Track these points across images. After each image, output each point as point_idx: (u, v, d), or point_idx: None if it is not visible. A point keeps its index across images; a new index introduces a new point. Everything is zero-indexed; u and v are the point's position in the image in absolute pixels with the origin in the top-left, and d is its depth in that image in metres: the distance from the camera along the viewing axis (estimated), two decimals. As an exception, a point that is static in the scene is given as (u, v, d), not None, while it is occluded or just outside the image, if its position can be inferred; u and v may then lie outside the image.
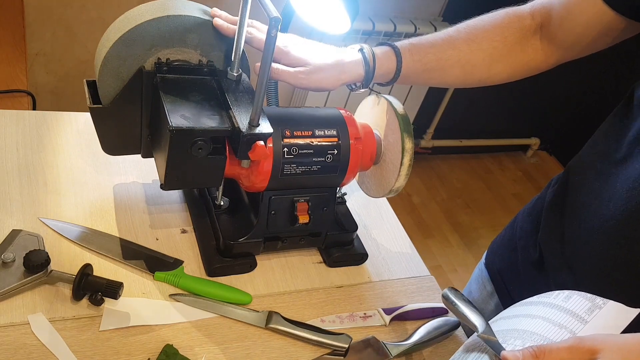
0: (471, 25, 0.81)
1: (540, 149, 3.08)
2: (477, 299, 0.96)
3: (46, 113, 0.96)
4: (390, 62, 0.78)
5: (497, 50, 0.80)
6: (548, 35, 0.79)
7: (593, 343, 0.53)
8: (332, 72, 0.76)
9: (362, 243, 0.90)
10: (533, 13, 0.80)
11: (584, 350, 0.53)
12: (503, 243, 0.91)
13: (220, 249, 0.80)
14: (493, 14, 0.81)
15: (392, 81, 0.80)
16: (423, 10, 2.14)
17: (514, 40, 0.80)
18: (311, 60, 0.75)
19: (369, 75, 0.77)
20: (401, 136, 0.77)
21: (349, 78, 0.77)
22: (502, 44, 0.79)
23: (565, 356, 0.54)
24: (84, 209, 0.83)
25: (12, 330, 0.66)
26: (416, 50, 0.79)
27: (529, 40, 0.80)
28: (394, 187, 0.80)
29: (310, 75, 0.75)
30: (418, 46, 0.79)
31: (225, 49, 0.76)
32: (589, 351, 0.53)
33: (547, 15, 0.79)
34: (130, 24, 0.70)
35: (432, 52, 0.79)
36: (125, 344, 0.68)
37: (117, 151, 0.81)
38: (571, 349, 0.54)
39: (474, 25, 0.81)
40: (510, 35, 0.79)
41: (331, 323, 0.78)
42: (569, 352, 0.54)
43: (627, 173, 0.67)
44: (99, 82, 0.73)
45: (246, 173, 0.75)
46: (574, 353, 0.53)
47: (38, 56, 1.70)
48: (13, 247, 0.72)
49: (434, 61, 0.79)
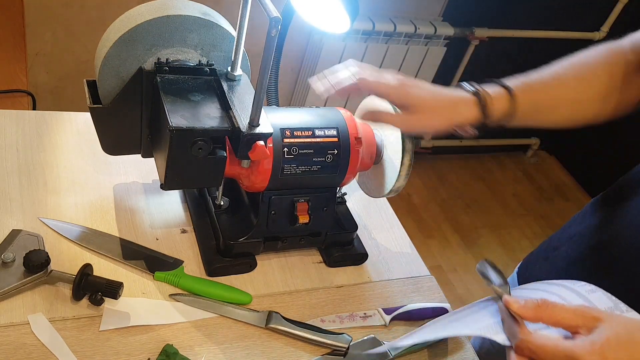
0: (576, 62, 0.76)
1: (540, 149, 3.08)
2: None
3: (46, 113, 0.96)
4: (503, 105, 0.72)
5: (605, 87, 0.75)
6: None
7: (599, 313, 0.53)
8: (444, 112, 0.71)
9: (362, 243, 0.90)
10: (634, 47, 0.76)
11: (588, 317, 0.53)
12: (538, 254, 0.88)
13: (220, 249, 0.80)
14: (595, 50, 0.77)
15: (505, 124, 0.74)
16: (423, 10, 2.14)
17: (620, 78, 0.76)
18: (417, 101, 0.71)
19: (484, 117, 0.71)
20: (401, 136, 0.77)
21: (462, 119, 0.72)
22: (609, 81, 0.75)
23: (567, 315, 0.54)
24: (84, 209, 0.83)
25: (12, 330, 0.66)
26: (529, 88, 0.73)
27: (633, 77, 0.76)
28: (394, 187, 0.80)
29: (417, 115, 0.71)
30: (530, 85, 0.74)
31: (226, 50, 0.76)
32: (593, 318, 0.53)
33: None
34: (130, 24, 0.70)
35: (542, 89, 0.74)
36: (125, 344, 0.68)
37: (117, 151, 0.81)
38: (576, 312, 0.54)
39: (579, 62, 0.76)
40: (617, 73, 0.75)
41: (331, 323, 0.78)
42: (573, 313, 0.54)
43: None
44: (99, 82, 0.73)
45: (246, 173, 0.75)
46: (578, 315, 0.54)
47: (38, 56, 1.70)
48: (13, 247, 0.72)
49: (545, 100, 0.74)
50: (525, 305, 0.56)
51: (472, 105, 0.71)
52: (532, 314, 0.56)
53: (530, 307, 0.56)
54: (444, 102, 0.71)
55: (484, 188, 2.78)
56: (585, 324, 0.53)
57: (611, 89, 0.76)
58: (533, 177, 2.95)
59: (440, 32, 2.10)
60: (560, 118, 0.77)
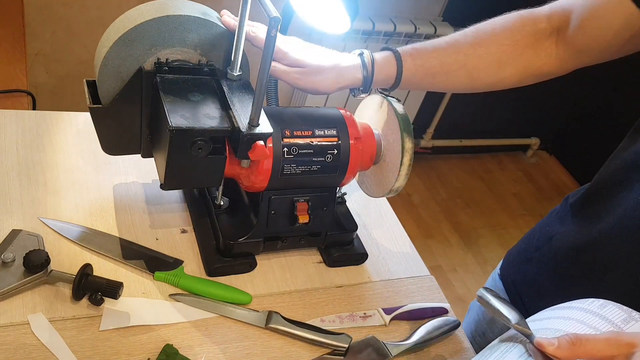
0: (480, 29, 0.78)
1: (540, 149, 3.08)
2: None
3: (46, 113, 0.96)
4: (390, 67, 0.77)
5: (506, 54, 0.77)
6: (566, 40, 0.76)
7: (632, 338, 0.51)
8: (330, 75, 0.75)
9: (362, 243, 0.90)
10: (550, 16, 0.77)
11: (623, 344, 0.51)
12: (519, 254, 0.89)
13: (220, 248, 0.80)
14: (505, 17, 0.78)
15: (394, 86, 0.79)
16: (423, 10, 2.14)
17: (525, 45, 0.77)
18: (309, 62, 0.75)
19: (368, 80, 0.76)
20: (401, 136, 0.77)
21: (347, 82, 0.76)
22: (512, 48, 0.77)
23: (602, 347, 0.52)
24: (84, 208, 0.83)
25: (12, 330, 0.66)
26: (418, 54, 0.77)
27: (542, 45, 0.77)
28: (394, 186, 0.80)
29: (307, 77, 0.75)
30: (421, 50, 0.78)
31: (225, 49, 0.76)
32: (628, 345, 0.51)
33: (566, 18, 0.76)
34: (130, 24, 0.70)
35: (435, 56, 0.77)
36: (125, 343, 0.68)
37: (117, 151, 0.81)
38: (609, 341, 0.52)
39: (483, 29, 0.78)
40: (522, 40, 0.77)
41: (331, 323, 0.78)
42: (606, 343, 0.52)
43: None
44: (99, 82, 0.73)
45: (246, 173, 0.75)
46: (612, 345, 0.52)
47: (38, 56, 1.70)
48: (13, 247, 0.72)
49: (437, 66, 0.77)
50: (560, 346, 0.54)
51: (356, 68, 0.76)
52: (567, 353, 0.53)
53: (565, 347, 0.54)
54: (330, 64, 0.76)
55: (483, 188, 2.78)
56: (621, 351, 0.51)
57: (514, 55, 0.77)
58: (533, 177, 2.96)
59: (440, 32, 2.10)
60: (458, 83, 0.80)
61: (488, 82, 0.80)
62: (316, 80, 0.75)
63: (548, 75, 0.81)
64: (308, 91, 0.76)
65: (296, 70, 0.75)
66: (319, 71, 0.75)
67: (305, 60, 0.75)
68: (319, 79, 0.75)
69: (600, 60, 0.77)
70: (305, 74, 0.75)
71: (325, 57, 0.76)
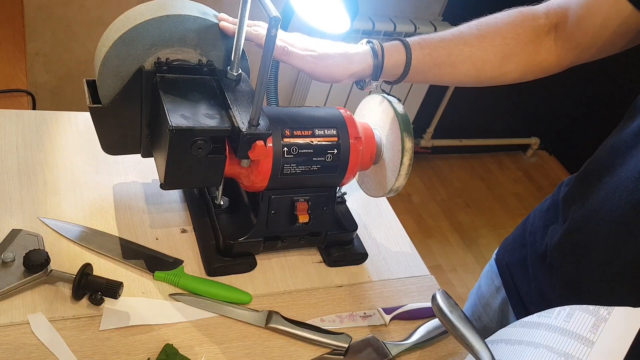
0: (483, 23, 0.80)
1: (540, 149, 3.09)
2: (485, 293, 0.96)
3: (46, 113, 0.96)
4: (400, 55, 0.77)
5: (509, 47, 0.78)
6: (563, 36, 0.78)
7: None
8: (341, 60, 0.75)
9: (362, 243, 0.90)
10: (548, 12, 0.79)
11: None
12: (514, 239, 0.91)
13: (220, 248, 0.80)
14: (506, 12, 0.80)
15: (403, 76, 0.78)
16: (423, 10, 2.14)
17: (526, 40, 0.78)
18: (319, 49, 0.75)
19: (378, 66, 0.76)
20: (401, 136, 0.77)
21: (358, 68, 0.76)
22: (514, 42, 0.78)
23: None
24: (84, 208, 0.83)
25: (12, 330, 0.66)
26: (426, 44, 0.78)
27: (542, 41, 0.79)
28: (394, 186, 0.80)
29: (319, 61, 0.74)
30: (428, 40, 0.78)
31: (225, 49, 0.76)
32: None
33: (563, 15, 0.78)
34: (130, 24, 0.70)
35: (442, 46, 0.78)
36: (125, 343, 0.68)
37: (117, 151, 0.81)
38: None
39: (486, 23, 0.80)
40: (523, 34, 0.78)
41: (331, 323, 0.78)
42: None
43: (632, 164, 0.66)
44: (99, 81, 0.73)
45: (246, 172, 0.75)
46: None
47: (38, 56, 1.70)
48: (13, 247, 0.72)
49: (444, 56, 0.78)
50: None
51: (367, 54, 0.76)
52: None
53: None
54: (340, 51, 0.76)
55: (483, 188, 2.78)
56: None
57: (516, 50, 0.79)
58: (533, 176, 2.96)
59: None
60: (463, 75, 0.81)
61: (492, 76, 0.81)
62: (329, 64, 0.74)
63: (548, 71, 0.82)
64: (321, 79, 0.75)
65: (310, 54, 0.74)
66: (330, 56, 0.74)
67: (315, 47, 0.75)
68: (331, 63, 0.75)
69: (600, 56, 0.78)
70: (317, 57, 0.74)
71: (334, 45, 0.76)
